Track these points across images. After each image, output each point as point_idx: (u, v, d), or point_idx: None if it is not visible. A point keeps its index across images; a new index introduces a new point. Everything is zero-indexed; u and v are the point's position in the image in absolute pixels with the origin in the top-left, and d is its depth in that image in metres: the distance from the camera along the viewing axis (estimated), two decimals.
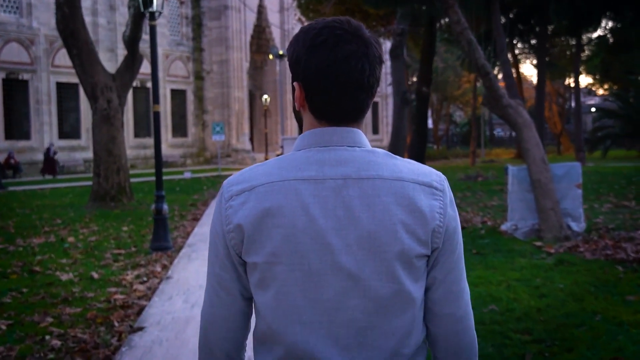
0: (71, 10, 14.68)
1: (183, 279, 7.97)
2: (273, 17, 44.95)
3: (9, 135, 31.66)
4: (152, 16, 9.74)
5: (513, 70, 41.16)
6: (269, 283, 1.34)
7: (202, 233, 11.80)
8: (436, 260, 1.40)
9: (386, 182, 1.33)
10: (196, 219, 13.87)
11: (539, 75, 23.57)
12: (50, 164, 31.30)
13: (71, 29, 14.78)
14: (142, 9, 9.74)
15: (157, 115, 9.95)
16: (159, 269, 8.70)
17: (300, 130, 1.45)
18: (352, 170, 1.33)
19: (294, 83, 1.39)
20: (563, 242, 9.79)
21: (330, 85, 1.33)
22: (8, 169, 30.33)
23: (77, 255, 9.72)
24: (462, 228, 11.51)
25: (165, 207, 10.07)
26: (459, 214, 13.07)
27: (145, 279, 8.10)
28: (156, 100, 9.92)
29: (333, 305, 1.32)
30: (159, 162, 10.01)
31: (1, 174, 24.22)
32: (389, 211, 1.32)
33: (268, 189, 1.33)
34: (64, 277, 8.17)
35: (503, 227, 10.82)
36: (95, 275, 8.21)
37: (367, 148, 1.39)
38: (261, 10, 44.45)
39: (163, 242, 9.86)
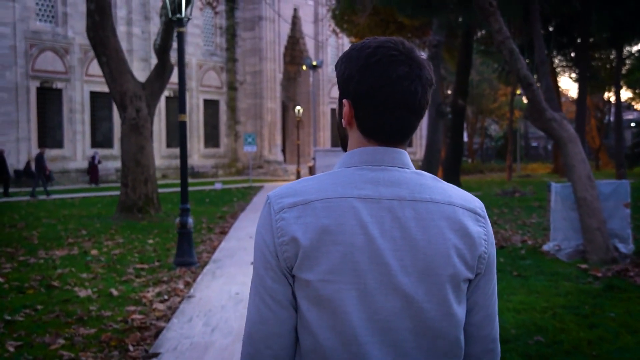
0: (102, 17, 14.49)
1: (205, 298, 7.54)
2: (307, 28, 44.70)
3: (42, 144, 31.72)
4: (181, 22, 9.40)
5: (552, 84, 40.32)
6: (324, 302, 1.31)
7: (228, 248, 11.39)
8: (477, 286, 1.41)
9: (439, 206, 1.35)
10: (224, 233, 13.48)
11: (580, 88, 22.83)
12: (94, 173, 31.45)
13: (101, 36, 14.58)
14: (170, 16, 9.39)
15: (183, 125, 9.59)
16: (181, 286, 8.30)
17: (341, 146, 1.47)
18: (407, 192, 1.34)
19: (344, 100, 1.39)
20: (610, 265, 9.18)
21: (382, 106, 1.34)
22: (29, 176, 30.33)
23: (99, 269, 9.37)
24: (501, 247, 11.00)
25: (190, 220, 9.68)
26: (497, 231, 12.58)
27: (166, 296, 7.70)
28: (182, 109, 9.57)
29: (385, 325, 1.31)
30: (184, 173, 9.63)
31: (38, 182, 24.18)
32: (443, 235, 1.33)
33: (325, 205, 1.32)
34: (82, 293, 7.81)
35: (545, 248, 10.22)
36: (115, 292, 7.83)
37: (415, 170, 1.39)
38: (295, 21, 44.24)
39: (187, 257, 9.46)
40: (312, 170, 37.10)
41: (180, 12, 9.51)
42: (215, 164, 41.61)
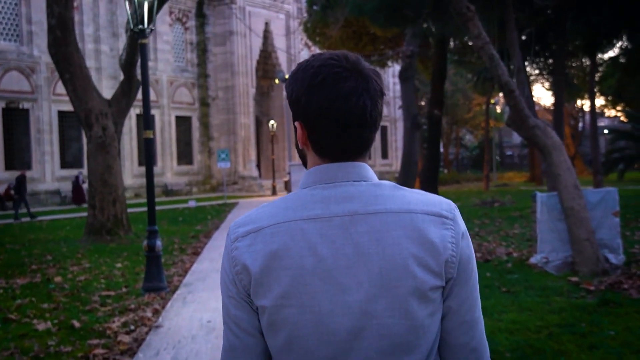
0: (64, 33, 13.90)
1: (175, 327, 6.98)
2: (279, 42, 44.26)
3: (9, 166, 30.83)
4: (143, 34, 8.90)
5: None
6: (279, 326, 1.30)
7: (200, 270, 10.83)
8: (450, 290, 1.35)
9: (394, 216, 1.30)
10: (196, 253, 12.90)
11: (557, 96, 22.61)
12: (79, 193, 30.73)
13: (63, 52, 13.98)
14: (132, 27, 8.87)
15: (149, 142, 9.06)
16: (149, 314, 7.73)
17: (304, 166, 1.45)
18: (359, 205, 1.31)
19: (295, 122, 1.37)
20: (601, 276, 8.79)
21: (331, 125, 1.31)
22: (8, 200, 29.48)
23: (61, 298, 8.77)
24: (486, 261, 10.56)
25: (159, 243, 9.11)
26: (480, 244, 12.16)
27: (132, 327, 7.14)
28: (147, 125, 9.03)
29: (346, 346, 1.27)
30: (151, 193, 9.08)
31: (21, 204, 23.65)
32: (399, 245, 1.28)
33: (274, 231, 1.31)
34: (41, 326, 7.21)
35: (532, 260, 9.81)
36: (77, 324, 7.24)
37: (373, 181, 1.36)
38: (267, 35, 43.79)
39: (156, 282, 8.89)
40: (287, 185, 36.60)
41: (142, 23, 9.01)
42: (189, 181, 40.88)
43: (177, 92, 40.34)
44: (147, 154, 9.07)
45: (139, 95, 31.89)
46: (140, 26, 8.81)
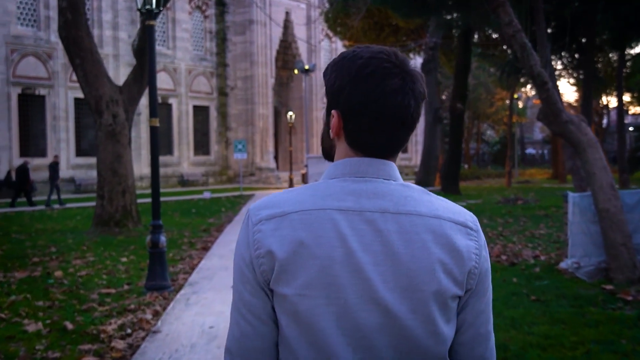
0: (74, 15, 13.38)
1: (173, 333, 6.40)
2: (299, 32, 43.60)
3: (24, 152, 30.52)
4: (150, 14, 8.30)
5: None
6: (300, 316, 1.26)
7: (208, 267, 10.26)
8: (467, 303, 1.34)
9: (424, 219, 1.30)
10: (206, 249, 12.34)
11: (585, 91, 21.83)
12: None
13: (74, 36, 13.47)
14: (139, 7, 8.30)
15: (154, 130, 8.49)
16: (149, 315, 7.17)
17: (324, 156, 1.45)
18: (390, 204, 1.30)
19: (333, 111, 1.35)
20: (638, 284, 8.11)
21: (373, 119, 1.30)
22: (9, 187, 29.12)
23: (58, 295, 8.23)
24: (512, 264, 9.86)
25: (163, 239, 8.57)
26: (505, 245, 11.48)
27: (129, 330, 6.58)
28: (153, 113, 8.44)
29: (367, 343, 1.26)
30: (156, 185, 8.53)
31: (53, 190, 23.78)
32: (428, 249, 1.27)
33: (303, 217, 1.28)
34: (32, 327, 6.67)
35: (562, 265, 9.13)
36: (70, 326, 6.70)
37: (402, 182, 1.35)
38: (287, 25, 43.16)
39: (159, 280, 8.33)
40: (305, 178, 36.02)
41: (150, 3, 8.42)
42: (206, 171, 40.43)
43: (195, 81, 39.87)
44: (153, 144, 8.50)
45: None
46: (147, 6, 8.22)
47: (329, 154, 1.43)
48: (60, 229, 15.53)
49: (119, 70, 32.92)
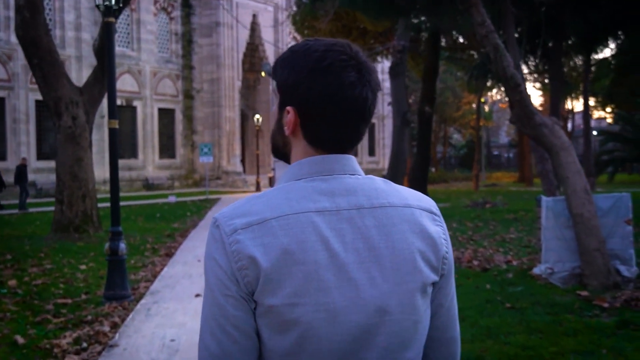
0: (32, 14, 12.86)
1: (132, 347, 6.02)
2: (267, 34, 43.19)
3: None
4: (109, 11, 7.90)
5: None
6: (290, 326, 1.20)
7: (171, 275, 9.86)
8: (441, 287, 1.34)
9: (397, 210, 1.29)
10: (169, 255, 11.92)
11: (553, 94, 21.83)
12: None
13: (32, 35, 12.95)
14: (96, 2, 7.90)
15: (113, 132, 8.13)
16: (107, 327, 6.78)
17: (275, 155, 1.41)
18: (364, 199, 1.27)
19: (288, 107, 1.30)
20: (612, 290, 7.96)
21: (332, 114, 1.26)
22: None
23: (11, 306, 7.79)
24: (484, 269, 9.61)
25: (123, 246, 8.17)
26: (476, 250, 11.24)
27: (85, 344, 6.19)
28: (112, 115, 8.07)
29: (360, 344, 1.22)
30: (115, 189, 8.13)
31: (23, 194, 23.48)
32: (406, 240, 1.27)
33: (283, 223, 1.22)
34: None
35: (536, 270, 8.94)
36: (21, 340, 6.29)
37: (366, 175, 1.34)
38: (254, 27, 42.73)
39: (119, 289, 7.92)
40: (272, 181, 35.64)
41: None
42: (171, 175, 39.77)
43: (161, 83, 39.21)
44: (112, 146, 8.12)
45: (118, 85, 30.63)
46: (106, 2, 7.82)
47: (281, 152, 1.38)
48: (18, 235, 14.95)
49: (81, 72, 32.18)
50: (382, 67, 49.29)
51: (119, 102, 34.55)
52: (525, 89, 9.25)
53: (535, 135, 8.95)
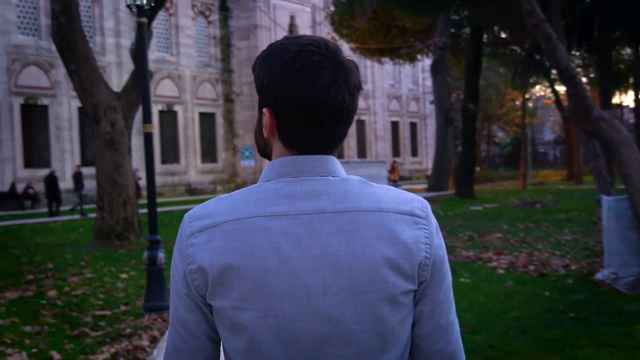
0: (68, 19, 12.77)
1: None
2: (305, 34, 42.98)
3: (28, 164, 30.04)
4: (141, 11, 7.65)
5: (559, 88, 38.57)
6: (239, 330, 1.21)
7: None
8: (423, 294, 1.28)
9: (364, 215, 1.23)
10: None
11: (603, 87, 21.11)
12: (136, 189, 29.59)
13: (68, 40, 12.86)
14: (127, 3, 7.64)
15: (148, 137, 7.80)
16: (145, 342, 6.49)
17: (263, 157, 1.41)
18: (327, 203, 1.23)
19: (264, 109, 1.28)
20: None
21: (306, 116, 1.23)
22: (26, 199, 28.67)
23: (49, 319, 7.56)
24: (542, 275, 9.09)
25: (161, 255, 7.87)
26: (531, 253, 10.71)
27: None
28: (147, 118, 7.77)
29: (311, 353, 1.20)
30: (152, 195, 7.82)
31: (78, 200, 24.36)
32: (370, 247, 1.21)
33: (234, 227, 1.21)
34: (15, 358, 6.01)
35: (598, 276, 8.38)
36: (56, 357, 6.02)
37: (341, 177, 1.28)
38: (292, 29, 42.55)
39: (158, 301, 7.63)
40: None
41: None
42: (214, 179, 39.81)
43: (201, 87, 39.30)
44: (147, 151, 7.81)
45: (158, 90, 30.73)
46: (137, 2, 7.56)
47: (264, 152, 1.37)
48: (60, 243, 14.88)
49: (122, 79, 32.29)
50: (422, 65, 48.66)
51: (159, 107, 34.70)
52: (581, 81, 8.71)
53: (592, 131, 8.40)
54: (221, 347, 1.31)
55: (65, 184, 31.45)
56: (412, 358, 1.33)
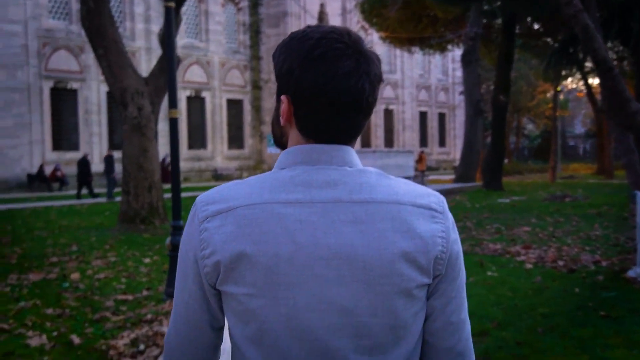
0: (97, 4, 12.74)
1: None
2: (334, 23, 42.58)
3: (56, 146, 30.29)
4: None
5: (591, 81, 37.88)
6: (249, 318, 1.19)
7: None
8: (436, 288, 1.26)
9: (381, 206, 1.21)
10: None
11: (639, 80, 20.60)
12: (165, 174, 29.66)
13: (97, 25, 12.83)
14: None
15: (174, 122, 7.72)
16: (166, 328, 6.41)
17: (277, 146, 1.37)
18: (343, 193, 1.21)
19: (282, 96, 1.26)
20: None
21: (325, 105, 1.21)
22: (54, 181, 28.93)
23: (71, 302, 7.54)
24: (571, 270, 8.86)
25: None
26: (560, 247, 10.46)
27: (142, 346, 5.82)
28: (173, 104, 7.69)
29: (321, 345, 1.17)
30: (176, 180, 7.72)
31: (111, 183, 24.39)
32: (386, 239, 1.19)
33: (248, 212, 1.19)
34: (35, 341, 5.98)
35: (631, 273, 8.15)
36: (77, 340, 5.98)
37: (358, 167, 1.26)
38: (322, 17, 42.27)
39: None
40: None
41: None
42: (240, 165, 39.86)
43: (229, 74, 39.28)
44: (172, 136, 7.73)
45: (187, 76, 30.80)
46: None
47: (280, 141, 1.34)
48: (85, 226, 14.95)
49: (150, 64, 32.35)
50: (453, 55, 48.14)
51: (187, 93, 34.75)
52: (619, 73, 8.44)
53: (630, 125, 8.15)
54: (227, 333, 1.28)
55: (94, 167, 31.75)
56: (422, 354, 1.31)
